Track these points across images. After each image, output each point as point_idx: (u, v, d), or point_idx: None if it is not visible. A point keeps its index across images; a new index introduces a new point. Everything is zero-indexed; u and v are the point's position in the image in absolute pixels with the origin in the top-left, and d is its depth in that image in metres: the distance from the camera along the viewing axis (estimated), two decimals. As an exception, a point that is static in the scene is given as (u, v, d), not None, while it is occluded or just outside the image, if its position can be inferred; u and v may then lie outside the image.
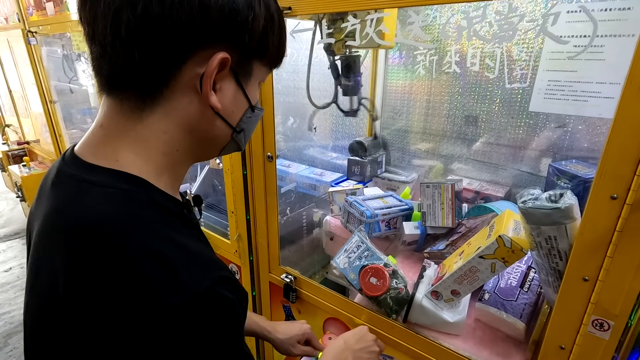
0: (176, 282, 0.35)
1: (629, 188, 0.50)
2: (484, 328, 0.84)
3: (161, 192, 0.42)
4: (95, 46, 0.38)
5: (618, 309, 0.55)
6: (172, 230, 0.39)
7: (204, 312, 0.36)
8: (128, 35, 0.36)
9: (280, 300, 1.14)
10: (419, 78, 1.33)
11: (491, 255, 0.70)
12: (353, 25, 0.77)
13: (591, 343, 0.58)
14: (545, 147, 1.12)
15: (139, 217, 0.38)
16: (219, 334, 0.37)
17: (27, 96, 2.71)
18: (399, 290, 0.84)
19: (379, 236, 1.10)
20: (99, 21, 0.36)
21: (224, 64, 0.39)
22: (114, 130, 0.41)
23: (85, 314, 0.34)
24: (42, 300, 0.39)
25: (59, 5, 1.68)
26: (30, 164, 2.79)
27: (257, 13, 0.39)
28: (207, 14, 0.36)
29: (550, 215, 0.59)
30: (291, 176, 1.52)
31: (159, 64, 0.37)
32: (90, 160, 0.40)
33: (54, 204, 0.40)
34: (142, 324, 0.33)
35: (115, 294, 0.34)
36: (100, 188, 0.38)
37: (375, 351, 0.72)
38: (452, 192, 0.99)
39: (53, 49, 2.17)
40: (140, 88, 0.39)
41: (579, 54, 0.85)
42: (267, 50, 0.44)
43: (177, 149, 0.43)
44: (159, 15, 0.35)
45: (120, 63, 0.37)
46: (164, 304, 0.34)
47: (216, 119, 0.43)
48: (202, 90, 0.40)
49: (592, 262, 0.55)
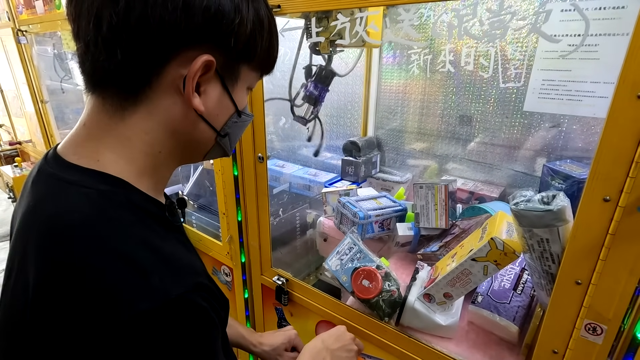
0: (147, 287, 0.34)
1: (621, 190, 0.48)
2: (477, 331, 0.83)
3: (141, 193, 0.41)
4: (79, 43, 0.38)
5: (611, 313, 0.54)
6: (148, 233, 0.38)
7: (174, 319, 0.34)
8: (110, 33, 0.35)
9: (272, 302, 1.13)
10: (413, 77, 1.32)
11: (483, 258, 0.69)
12: (343, 24, 0.75)
13: (584, 347, 0.57)
14: (539, 147, 1.11)
15: (112, 218, 0.37)
16: (191, 343, 0.35)
17: (21, 96, 2.68)
18: (391, 292, 0.83)
19: (372, 237, 1.09)
20: (83, 18, 0.36)
21: (209, 66, 0.39)
22: (96, 129, 0.40)
23: (53, 319, 0.33)
24: (14, 302, 0.38)
25: (49, 4, 1.66)
26: (22, 165, 2.76)
27: (244, 16, 0.39)
28: (191, 15, 0.36)
29: (543, 217, 0.58)
30: (285, 176, 1.50)
31: (141, 63, 0.37)
32: (71, 159, 0.40)
33: (31, 203, 0.39)
34: (110, 330, 0.32)
35: (83, 298, 0.33)
36: (76, 187, 0.38)
37: (353, 350, 0.71)
38: (446, 192, 0.98)
39: (44, 47, 2.15)
40: (123, 87, 0.38)
41: (572, 53, 0.84)
42: (255, 55, 0.43)
43: (160, 150, 0.42)
44: (141, 13, 0.34)
45: (103, 61, 0.37)
46: (133, 309, 0.33)
47: (199, 121, 0.42)
48: (184, 92, 0.39)
49: (584, 265, 0.54)
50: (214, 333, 0.39)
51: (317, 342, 0.69)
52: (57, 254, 0.34)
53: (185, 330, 0.35)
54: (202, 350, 0.37)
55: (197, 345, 0.36)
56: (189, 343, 0.35)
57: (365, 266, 0.87)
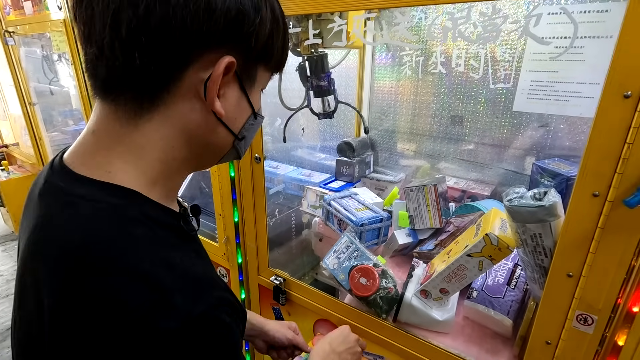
0: (169, 306, 0.33)
1: (609, 185, 0.51)
2: (472, 325, 0.85)
3: (154, 203, 0.40)
4: (90, 47, 0.36)
5: (601, 303, 0.56)
6: (165, 247, 0.37)
7: (199, 337, 0.34)
8: (128, 36, 0.33)
9: (270, 302, 1.13)
10: (406, 78, 1.34)
11: (478, 254, 0.71)
12: (340, 26, 0.77)
13: (576, 337, 0.60)
14: (529, 146, 1.14)
15: (129, 235, 0.35)
16: (218, 357, 0.35)
17: (4, 98, 2.62)
18: (388, 289, 0.85)
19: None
20: (97, 20, 0.34)
21: (229, 68, 0.38)
22: (106, 137, 0.38)
23: (73, 343, 0.32)
24: (30, 325, 0.36)
25: (38, 5, 1.64)
26: (9, 168, 2.70)
27: (263, 16, 0.38)
28: (213, 16, 0.34)
29: (535, 213, 0.60)
30: (280, 177, 1.51)
31: (160, 67, 0.35)
32: (80, 170, 0.38)
33: (40, 220, 0.37)
34: (133, 351, 0.32)
35: (103, 321, 0.32)
36: (88, 203, 0.36)
37: (358, 352, 0.73)
38: (436, 192, 1.00)
39: (32, 49, 2.11)
40: (139, 93, 0.37)
41: (561, 55, 0.87)
42: (273, 55, 0.42)
43: (175, 157, 0.41)
44: (163, 15, 0.33)
45: (119, 65, 0.35)
46: (155, 330, 0.32)
47: (218, 126, 0.41)
48: (206, 96, 0.38)
49: (575, 258, 0.56)
50: (237, 347, 0.39)
51: (325, 345, 0.70)
52: (74, 275, 0.33)
53: (210, 346, 0.35)
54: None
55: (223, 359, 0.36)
56: (217, 357, 0.35)
57: (363, 264, 0.88)
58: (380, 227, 1.07)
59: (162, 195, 0.41)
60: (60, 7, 1.50)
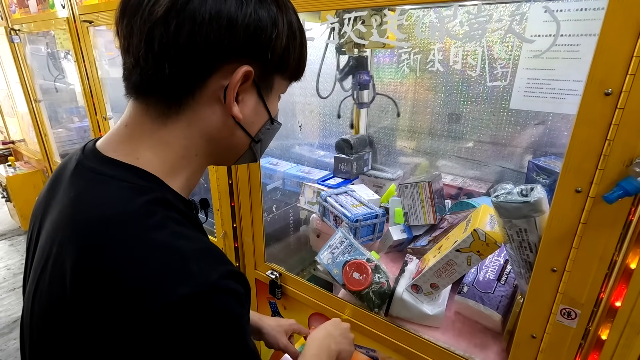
0: (186, 272, 0.36)
1: (591, 182, 0.52)
2: (463, 320, 0.86)
3: (174, 192, 0.44)
4: (128, 58, 0.41)
5: (584, 298, 0.57)
6: (183, 225, 0.41)
7: (213, 303, 0.36)
8: (160, 50, 0.38)
9: (266, 296, 1.15)
10: (404, 76, 1.35)
11: (467, 249, 0.72)
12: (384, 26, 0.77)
13: (560, 331, 0.61)
14: (525, 144, 1.15)
15: (153, 211, 0.39)
16: (228, 327, 0.37)
17: (12, 95, 2.67)
18: (380, 284, 0.86)
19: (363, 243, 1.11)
20: (135, 36, 0.39)
21: (247, 76, 0.42)
22: (137, 130, 0.43)
23: (93, 306, 0.35)
24: (51, 289, 0.39)
25: (42, 3, 1.66)
26: (15, 164, 2.75)
27: (280, 31, 0.42)
28: (233, 32, 0.39)
29: (521, 208, 0.61)
30: (279, 174, 1.53)
31: (186, 76, 0.40)
32: (111, 155, 0.43)
33: (72, 196, 0.42)
34: (151, 315, 0.34)
35: (124, 285, 0.35)
36: (117, 182, 0.40)
37: (351, 337, 0.75)
38: (430, 189, 1.01)
39: (37, 47, 2.14)
40: (168, 97, 0.42)
41: (556, 53, 0.87)
42: (288, 66, 0.46)
43: (196, 154, 0.46)
44: (190, 33, 0.38)
45: (151, 74, 0.40)
46: (173, 294, 0.34)
47: (237, 128, 0.46)
48: (225, 101, 0.42)
49: (559, 253, 0.57)
50: (246, 317, 0.41)
51: (321, 330, 0.72)
52: (102, 242, 0.37)
53: (223, 314, 0.37)
54: (237, 332, 0.39)
55: (233, 329, 0.38)
56: (227, 327, 0.37)
57: (356, 259, 0.89)
58: (375, 223, 1.08)
59: (181, 187, 0.46)
60: (64, 5, 1.52)
